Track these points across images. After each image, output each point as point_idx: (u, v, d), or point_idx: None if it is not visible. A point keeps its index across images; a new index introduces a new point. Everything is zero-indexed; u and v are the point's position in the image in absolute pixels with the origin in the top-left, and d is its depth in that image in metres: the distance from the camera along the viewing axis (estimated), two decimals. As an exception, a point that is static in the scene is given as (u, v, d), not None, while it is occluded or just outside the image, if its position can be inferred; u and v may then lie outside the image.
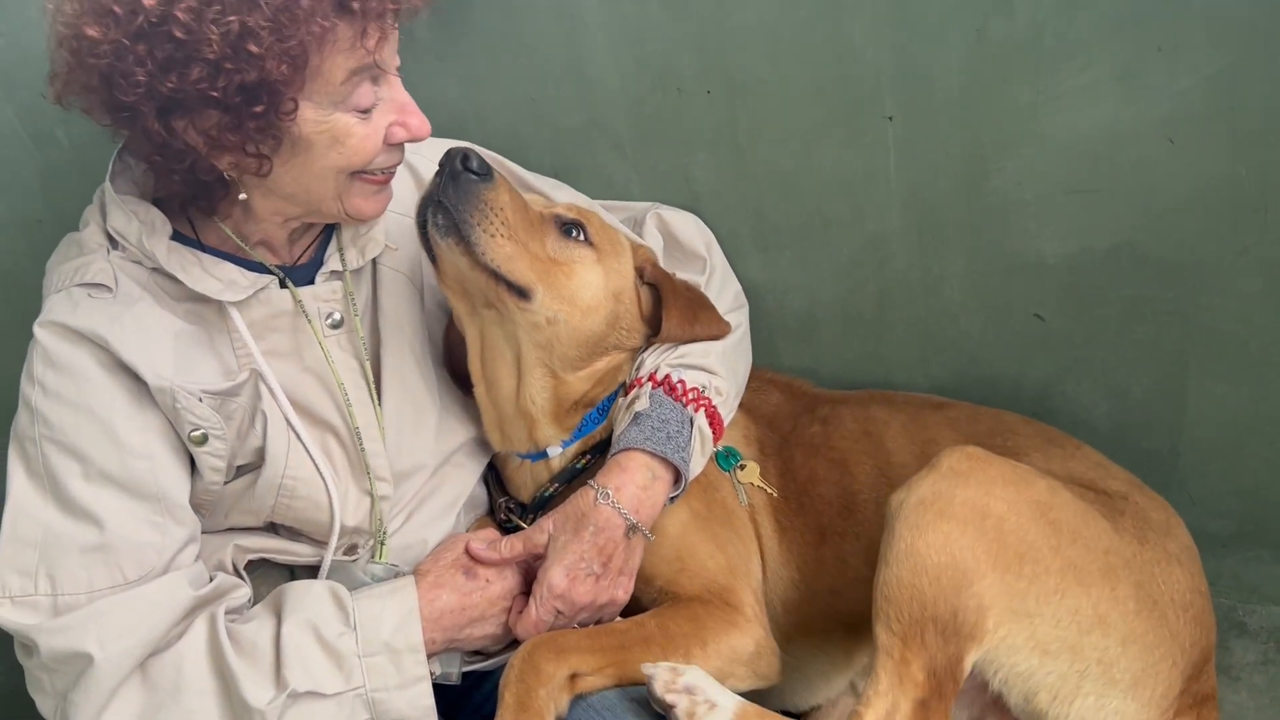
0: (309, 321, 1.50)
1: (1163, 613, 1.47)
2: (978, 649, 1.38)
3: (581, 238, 1.60)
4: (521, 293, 1.51)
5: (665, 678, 1.35)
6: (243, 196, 1.40)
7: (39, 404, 1.33)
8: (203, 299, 1.42)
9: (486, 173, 1.46)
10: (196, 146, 1.31)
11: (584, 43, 1.78)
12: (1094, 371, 1.82)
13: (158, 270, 1.41)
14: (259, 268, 1.47)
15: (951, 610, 1.37)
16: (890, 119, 1.70)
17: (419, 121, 1.41)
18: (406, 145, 1.60)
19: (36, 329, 1.36)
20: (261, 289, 1.46)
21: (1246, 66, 1.50)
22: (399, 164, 1.46)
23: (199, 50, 1.22)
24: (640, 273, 1.68)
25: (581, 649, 1.42)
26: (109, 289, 1.38)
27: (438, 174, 1.47)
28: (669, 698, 1.34)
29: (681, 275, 1.76)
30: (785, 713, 1.76)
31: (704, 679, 1.36)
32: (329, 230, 1.56)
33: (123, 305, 1.37)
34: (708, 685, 1.36)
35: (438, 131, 1.72)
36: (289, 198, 1.41)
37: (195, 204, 1.45)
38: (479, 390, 1.64)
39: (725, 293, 1.81)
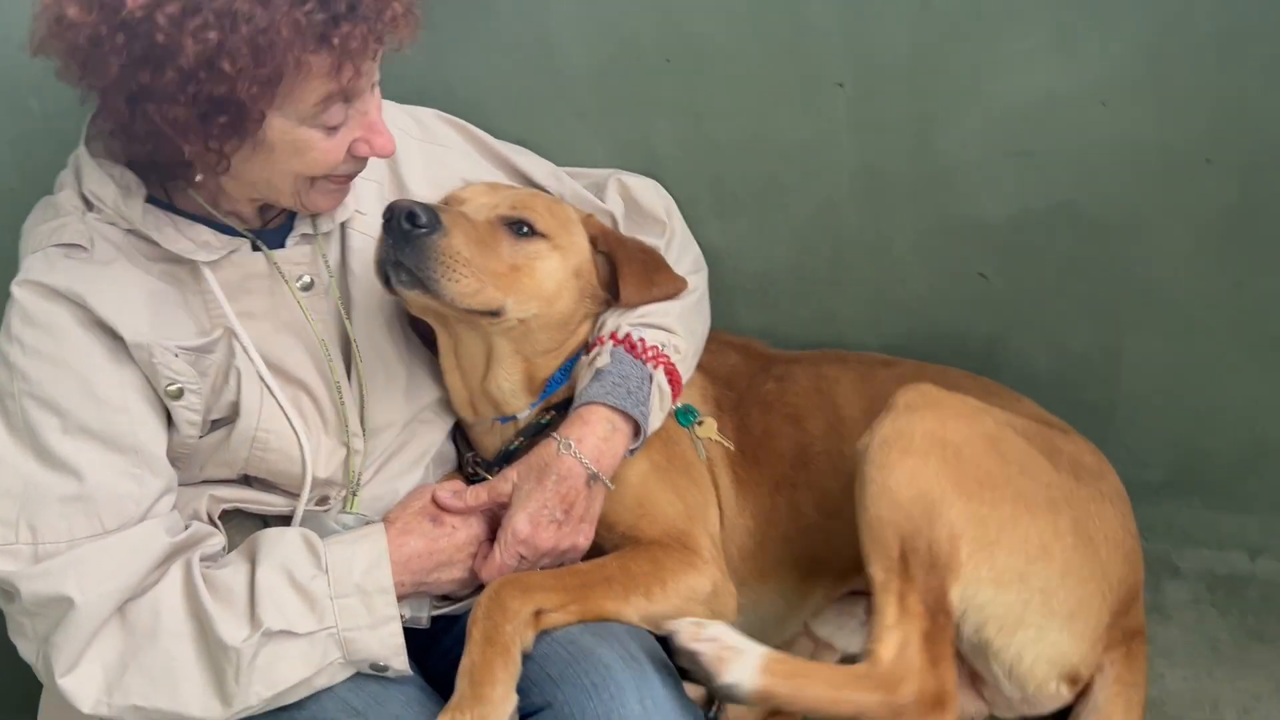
0: (284, 283, 1.55)
1: (1096, 548, 1.56)
2: (958, 581, 1.45)
3: (531, 231, 1.63)
4: (493, 313, 1.57)
5: (689, 630, 1.39)
6: (199, 178, 1.43)
7: (17, 360, 1.37)
8: (177, 260, 1.47)
9: (435, 223, 1.48)
10: (162, 130, 1.33)
11: (548, 12, 1.83)
12: (1035, 328, 1.91)
13: (133, 231, 1.45)
14: (232, 231, 1.52)
15: (927, 542, 1.44)
16: (841, 86, 1.77)
17: (384, 140, 1.45)
18: (388, 114, 1.67)
19: (14, 288, 1.40)
20: (234, 251, 1.51)
21: (1175, 33, 1.58)
22: (361, 170, 1.51)
23: (174, 57, 1.26)
24: (594, 242, 1.73)
25: (546, 587, 1.49)
26: (85, 249, 1.42)
27: (386, 232, 1.48)
28: (695, 646, 1.38)
29: (642, 237, 1.82)
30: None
31: (726, 630, 1.40)
32: None
33: (99, 265, 1.41)
34: (730, 634, 1.40)
35: (406, 99, 1.79)
36: (249, 185, 1.46)
37: (164, 175, 1.50)
38: (451, 379, 1.70)
39: (685, 256, 1.87)
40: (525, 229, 1.62)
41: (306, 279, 1.57)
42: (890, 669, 1.40)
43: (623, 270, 1.71)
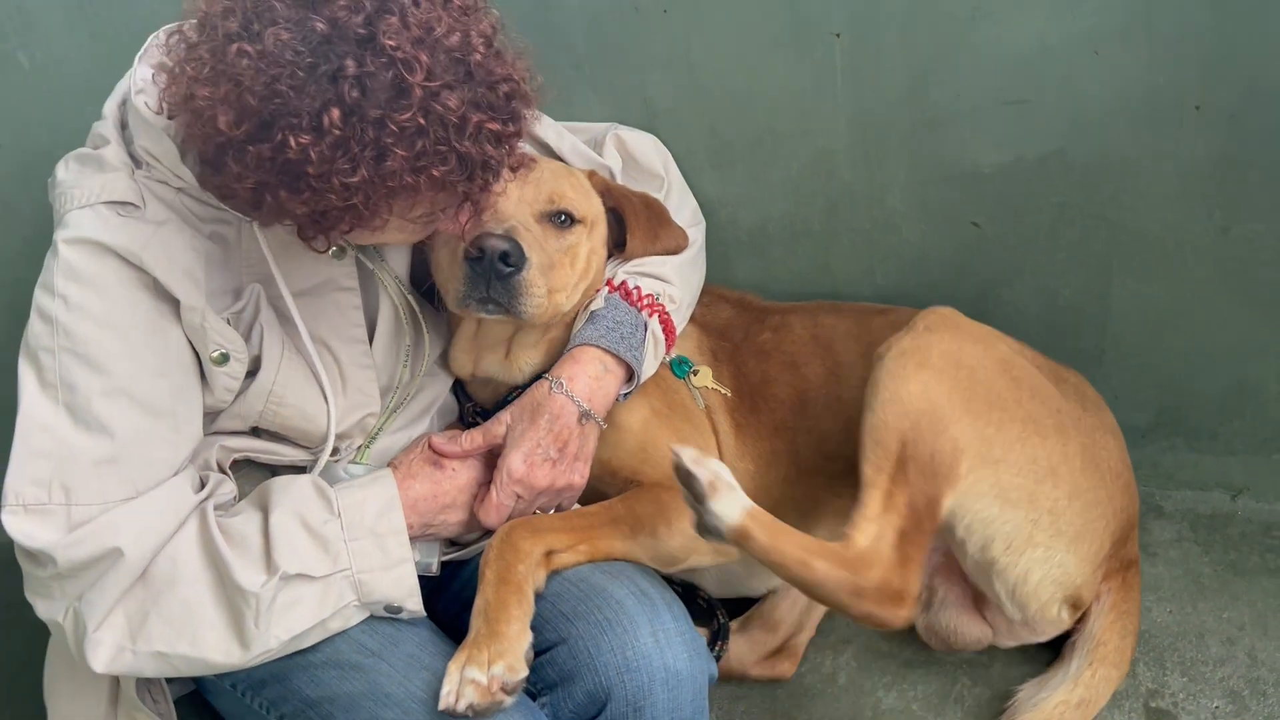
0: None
1: (1101, 475, 1.61)
2: (953, 492, 1.49)
3: (569, 221, 1.64)
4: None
5: (694, 455, 1.41)
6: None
7: (61, 316, 1.34)
8: (226, 219, 1.45)
9: (521, 260, 1.50)
10: (276, 207, 1.30)
11: (544, -37, 1.84)
12: (1026, 275, 1.95)
13: (183, 190, 1.42)
14: None
15: (930, 451, 1.47)
16: (837, 35, 1.79)
17: (465, 228, 1.49)
18: None
19: (61, 244, 1.36)
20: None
21: (1164, -19, 1.61)
22: None
23: (315, 185, 1.24)
24: (602, 197, 1.75)
25: (556, 529, 1.52)
26: (138, 207, 1.39)
27: (475, 269, 1.49)
28: (695, 469, 1.39)
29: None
30: (743, 598, 1.89)
31: (726, 470, 1.42)
32: None
33: (153, 225, 1.39)
34: (727, 475, 1.42)
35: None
36: None
37: None
38: (462, 357, 1.71)
39: (683, 209, 1.90)
40: (564, 218, 1.64)
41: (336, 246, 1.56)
42: (861, 553, 1.44)
43: (630, 225, 1.73)
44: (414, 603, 1.47)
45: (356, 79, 1.20)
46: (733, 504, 1.40)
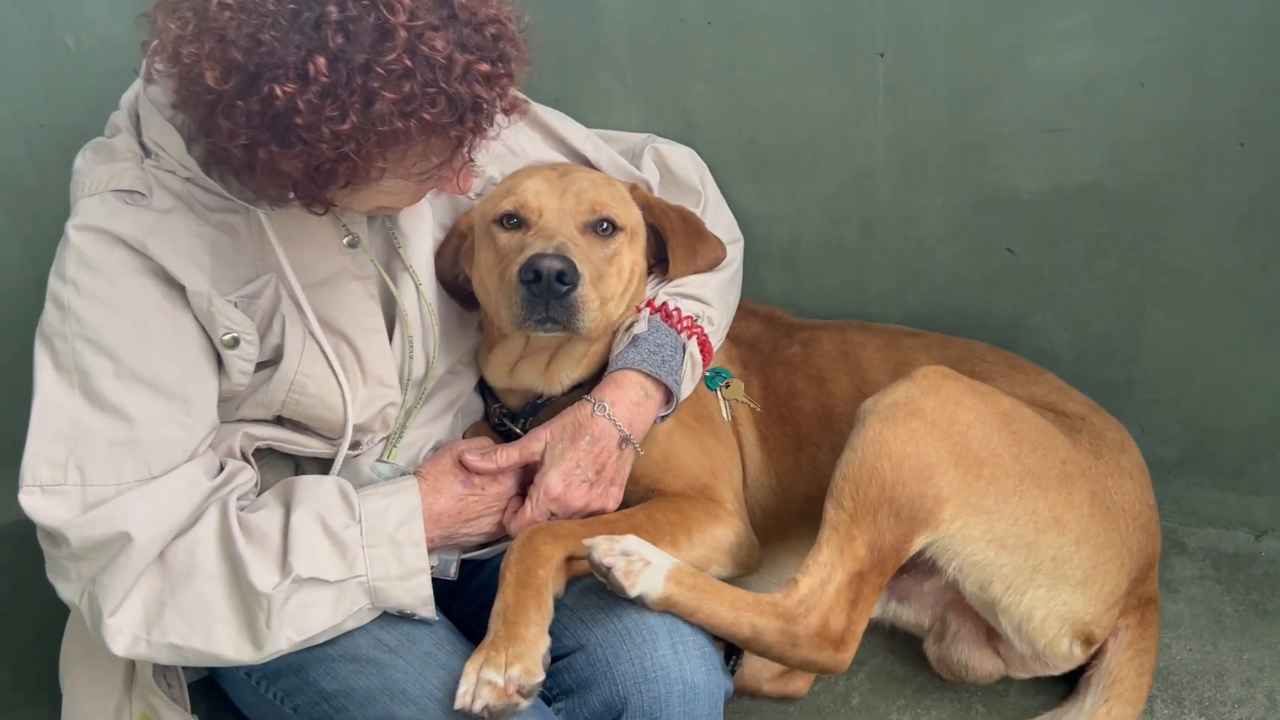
0: (335, 234, 1.55)
1: (1114, 519, 1.61)
2: (929, 534, 1.51)
3: (611, 229, 1.64)
4: None
5: (604, 546, 1.43)
6: None
7: (72, 302, 1.36)
8: (233, 209, 1.47)
9: (576, 276, 1.50)
10: (269, 167, 1.33)
11: (591, -29, 1.85)
12: (1058, 304, 1.94)
13: (191, 180, 1.44)
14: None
15: (909, 496, 1.49)
16: (881, 56, 1.79)
17: (462, 185, 1.46)
18: None
19: (71, 231, 1.38)
20: (289, 203, 1.50)
21: (1214, 17, 1.61)
22: None
23: (305, 133, 1.25)
24: (642, 212, 1.74)
25: (577, 535, 1.52)
26: (144, 195, 1.41)
27: (532, 291, 1.50)
28: (606, 560, 1.42)
29: None
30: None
31: (639, 544, 1.45)
32: None
33: (158, 212, 1.41)
34: (642, 548, 1.45)
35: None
36: None
37: None
38: (497, 373, 1.72)
39: (718, 224, 1.89)
40: (606, 226, 1.64)
41: (353, 235, 1.57)
42: (799, 600, 1.47)
43: (670, 243, 1.73)
44: (427, 611, 1.47)
45: (339, 24, 1.21)
46: (652, 579, 1.43)
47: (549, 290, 1.49)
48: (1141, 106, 1.70)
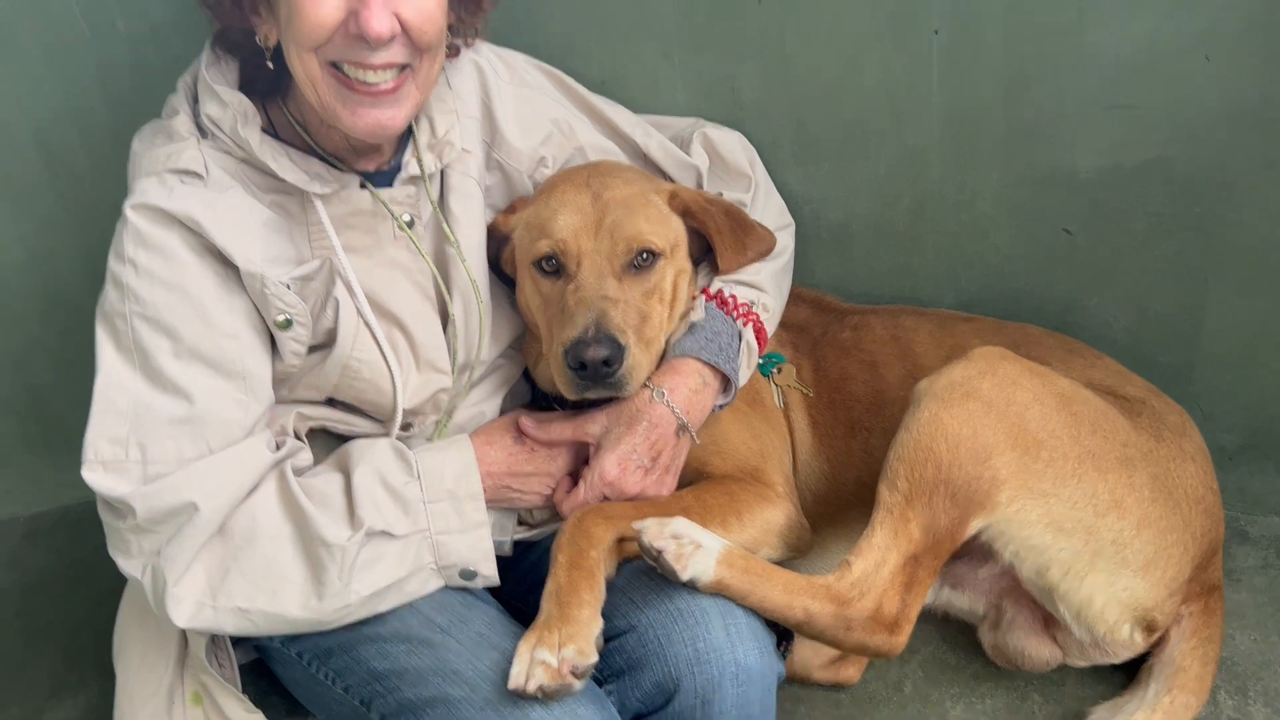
0: (389, 220, 1.55)
1: (1176, 503, 1.56)
2: (985, 517, 1.49)
3: (650, 258, 1.61)
4: None
5: (654, 529, 1.42)
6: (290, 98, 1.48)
7: (130, 282, 1.38)
8: (288, 191, 1.48)
9: (620, 356, 1.50)
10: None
11: (638, -50, 1.83)
12: (1117, 286, 1.89)
13: (246, 161, 1.46)
14: (342, 167, 1.53)
15: (966, 478, 1.47)
16: (936, 32, 1.75)
17: (369, 15, 1.34)
18: (480, 54, 1.68)
19: (129, 210, 1.40)
20: (344, 187, 1.52)
21: (1283, -12, 1.56)
22: (375, 69, 1.40)
23: None
24: (684, 216, 1.70)
25: (628, 516, 1.51)
26: (200, 176, 1.42)
27: (582, 375, 1.51)
28: (657, 544, 1.41)
29: (727, 194, 1.81)
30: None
31: (690, 527, 1.44)
32: (405, 138, 1.60)
33: (215, 192, 1.42)
34: (693, 530, 1.44)
35: (496, 38, 1.77)
36: (301, 87, 1.44)
37: (266, 91, 1.51)
38: (547, 382, 1.70)
39: (769, 208, 1.87)
40: (645, 257, 1.61)
41: (407, 217, 1.57)
42: (853, 583, 1.45)
43: (716, 243, 1.69)
44: (488, 567, 1.48)
45: None
46: (703, 563, 1.42)
47: (595, 374, 1.50)
48: (1208, 80, 1.65)
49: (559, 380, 1.55)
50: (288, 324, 1.44)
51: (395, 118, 1.44)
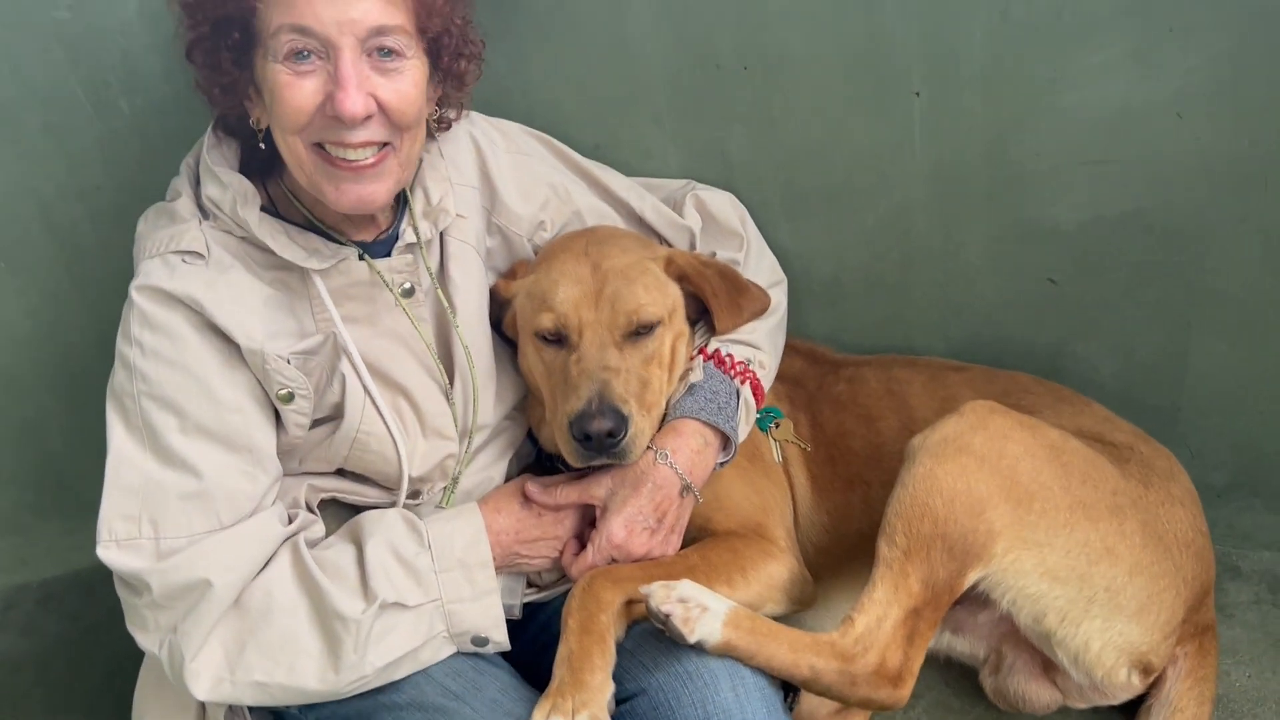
0: (387, 291, 1.59)
1: (1167, 548, 1.61)
2: (982, 568, 1.53)
3: (651, 331, 1.65)
4: None
5: (660, 594, 1.46)
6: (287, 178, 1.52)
7: (137, 362, 1.43)
8: (288, 267, 1.52)
9: (624, 427, 1.55)
10: (210, 81, 1.45)
11: (627, 20, 1.88)
12: (1102, 333, 1.94)
13: (246, 240, 1.51)
14: (340, 241, 1.57)
15: (962, 531, 1.51)
16: (917, 94, 1.81)
17: (344, 97, 1.39)
18: (474, 125, 1.73)
19: (134, 292, 1.45)
20: (342, 260, 1.56)
21: (1251, 46, 1.62)
22: (355, 147, 1.44)
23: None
24: (679, 281, 1.74)
25: (636, 579, 1.54)
26: (202, 256, 1.47)
27: (584, 445, 1.55)
28: (664, 608, 1.44)
29: (720, 253, 1.86)
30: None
31: (696, 589, 1.48)
32: (402, 208, 1.64)
33: (216, 271, 1.47)
34: (699, 593, 1.47)
35: (487, 105, 1.83)
36: (290, 167, 1.49)
37: (264, 171, 1.55)
38: (552, 445, 1.71)
39: (761, 266, 1.91)
40: (644, 329, 1.65)
41: (407, 285, 1.61)
42: (856, 639, 1.49)
43: (712, 305, 1.73)
44: (499, 634, 1.51)
45: None
46: (710, 625, 1.45)
47: (600, 445, 1.54)
48: (1180, 137, 1.71)
49: (564, 450, 1.59)
50: (290, 398, 1.49)
51: (378, 192, 1.49)
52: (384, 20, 1.41)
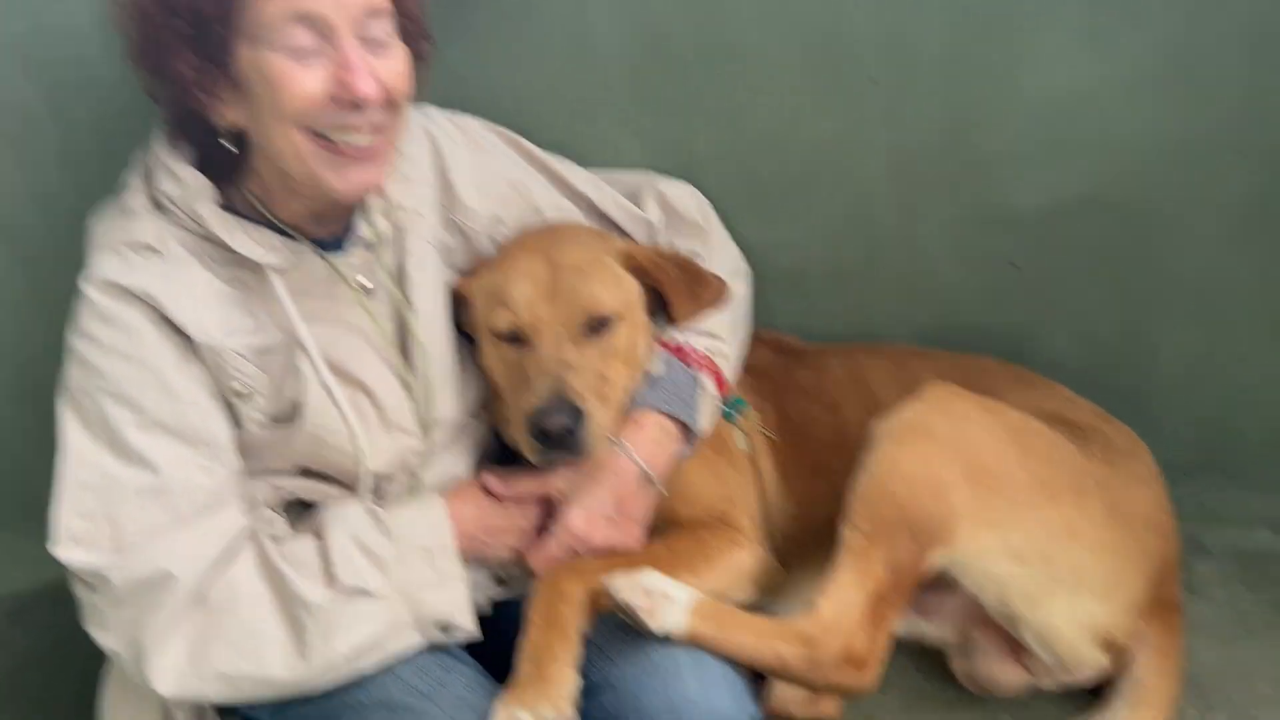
0: (345, 286, 1.58)
1: (1130, 526, 1.62)
2: (945, 551, 1.54)
3: (608, 325, 1.64)
4: None
5: (623, 584, 1.45)
6: (250, 180, 1.50)
7: (91, 357, 1.41)
8: (243, 263, 1.50)
9: (581, 422, 1.54)
10: (171, 81, 1.41)
11: (587, 13, 1.88)
12: (1066, 315, 1.96)
13: (202, 236, 1.48)
14: (296, 237, 1.55)
15: (925, 514, 1.52)
16: (875, 82, 1.82)
17: (354, 80, 1.37)
18: (431, 120, 1.71)
19: (85, 286, 1.43)
20: (298, 256, 1.54)
21: (1202, 27, 1.64)
22: (359, 132, 1.43)
23: None
24: (636, 274, 1.73)
25: (599, 571, 1.54)
26: (157, 251, 1.45)
27: (545, 443, 1.55)
28: (628, 598, 1.44)
29: (681, 245, 1.86)
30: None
31: (659, 579, 1.48)
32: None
33: (170, 265, 1.45)
34: (662, 583, 1.48)
35: (447, 101, 1.82)
36: (271, 159, 1.46)
37: (222, 173, 1.54)
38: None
39: (724, 257, 1.90)
40: (601, 323, 1.64)
41: (364, 281, 1.60)
42: (821, 625, 1.49)
43: (670, 296, 1.73)
44: (465, 618, 1.50)
45: None
46: (674, 615, 1.45)
47: (558, 441, 1.54)
48: (1135, 118, 1.72)
49: (523, 447, 1.59)
50: (244, 394, 1.48)
51: (379, 175, 1.49)
52: (375, 1, 1.42)
